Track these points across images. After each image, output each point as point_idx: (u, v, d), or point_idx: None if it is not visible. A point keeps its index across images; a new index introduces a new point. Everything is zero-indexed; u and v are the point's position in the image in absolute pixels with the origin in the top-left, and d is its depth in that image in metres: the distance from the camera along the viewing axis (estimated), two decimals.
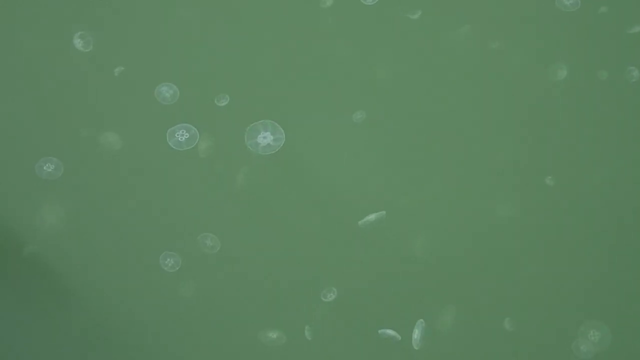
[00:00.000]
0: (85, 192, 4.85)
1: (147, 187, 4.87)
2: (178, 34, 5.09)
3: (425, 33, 5.04)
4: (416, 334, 4.46)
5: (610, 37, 5.00)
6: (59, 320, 4.69)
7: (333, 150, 4.88)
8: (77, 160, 4.87)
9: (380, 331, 4.53)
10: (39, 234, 4.79)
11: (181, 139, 4.79)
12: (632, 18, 5.03)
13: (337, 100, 4.95)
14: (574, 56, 4.96)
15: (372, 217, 4.67)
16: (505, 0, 5.11)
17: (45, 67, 5.04)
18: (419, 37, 5.04)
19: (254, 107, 4.89)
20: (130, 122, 4.94)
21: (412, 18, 5.04)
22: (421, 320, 4.49)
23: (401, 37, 5.04)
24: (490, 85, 4.97)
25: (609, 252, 4.67)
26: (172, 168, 4.85)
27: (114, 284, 4.73)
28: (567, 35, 5.02)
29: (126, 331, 4.68)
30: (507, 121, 4.92)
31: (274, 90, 4.98)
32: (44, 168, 4.84)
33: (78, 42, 4.97)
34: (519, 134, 4.89)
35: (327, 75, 5.01)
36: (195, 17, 5.13)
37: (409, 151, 4.89)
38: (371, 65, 5.00)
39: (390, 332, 4.50)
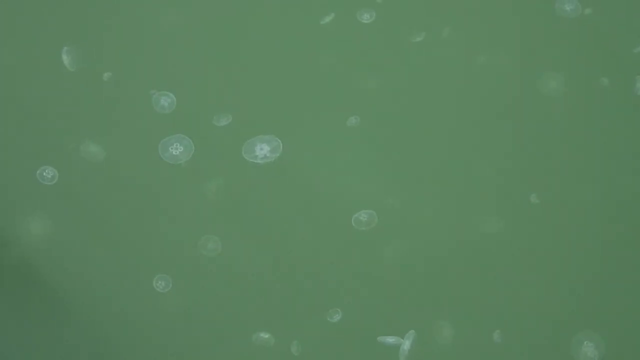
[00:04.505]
0: (76, 201, 4.85)
1: (139, 196, 4.87)
2: (175, 46, 5.13)
3: (415, 45, 5.10)
4: (406, 344, 4.49)
5: (595, 52, 5.09)
6: (48, 327, 4.66)
7: (329, 158, 4.93)
8: (70, 170, 4.87)
9: (379, 339, 4.55)
10: (27, 241, 4.76)
11: (175, 152, 4.79)
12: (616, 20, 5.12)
13: (331, 111, 5.01)
14: (564, 71, 5.02)
15: (363, 216, 4.71)
16: (494, 14, 5.18)
17: (35, 79, 5.06)
18: (411, 50, 5.11)
19: (250, 117, 4.94)
20: (122, 133, 4.95)
21: (408, 37, 5.13)
22: (412, 330, 4.52)
23: (395, 53, 5.12)
24: (479, 97, 5.03)
25: (594, 271, 4.72)
26: (166, 178, 4.86)
27: (105, 290, 4.72)
28: (555, 48, 5.09)
29: (117, 337, 4.66)
30: (494, 135, 4.97)
31: (269, 100, 5.03)
32: (44, 174, 4.82)
33: (65, 57, 4.99)
34: (505, 149, 4.95)
35: (322, 87, 5.07)
36: (191, 27, 5.17)
37: (401, 163, 4.95)
38: (363, 78, 5.07)
39: (391, 339, 4.54)
